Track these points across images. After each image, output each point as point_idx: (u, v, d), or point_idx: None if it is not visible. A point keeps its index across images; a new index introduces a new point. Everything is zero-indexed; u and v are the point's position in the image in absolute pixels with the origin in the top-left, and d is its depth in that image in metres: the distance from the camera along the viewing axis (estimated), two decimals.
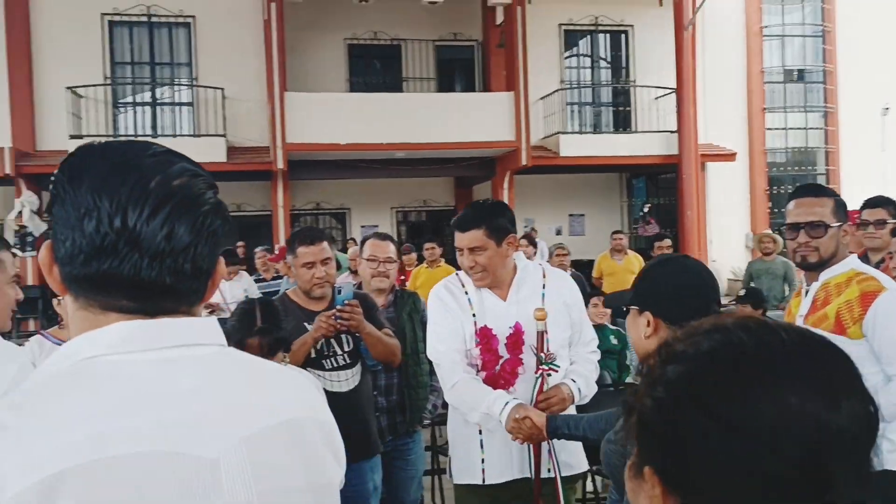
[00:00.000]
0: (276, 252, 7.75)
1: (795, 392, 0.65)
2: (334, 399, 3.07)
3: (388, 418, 3.55)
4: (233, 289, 7.43)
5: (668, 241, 7.01)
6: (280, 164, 13.68)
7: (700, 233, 14.70)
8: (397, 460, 3.60)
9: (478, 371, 2.71)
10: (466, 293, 2.80)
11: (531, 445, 2.61)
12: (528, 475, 2.67)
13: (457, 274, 2.90)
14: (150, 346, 0.91)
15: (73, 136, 13.55)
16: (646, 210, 16.70)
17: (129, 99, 15.29)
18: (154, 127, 15.04)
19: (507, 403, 2.55)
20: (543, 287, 2.80)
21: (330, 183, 16.31)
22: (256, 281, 8.14)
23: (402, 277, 9.32)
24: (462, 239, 2.72)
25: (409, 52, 16.59)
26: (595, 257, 9.76)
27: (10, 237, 14.81)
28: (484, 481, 2.70)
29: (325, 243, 3.20)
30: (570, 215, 18.02)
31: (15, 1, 14.30)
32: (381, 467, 3.34)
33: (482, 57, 16.93)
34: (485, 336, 2.70)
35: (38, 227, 13.82)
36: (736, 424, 0.65)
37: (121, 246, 0.90)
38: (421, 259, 9.37)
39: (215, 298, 7.27)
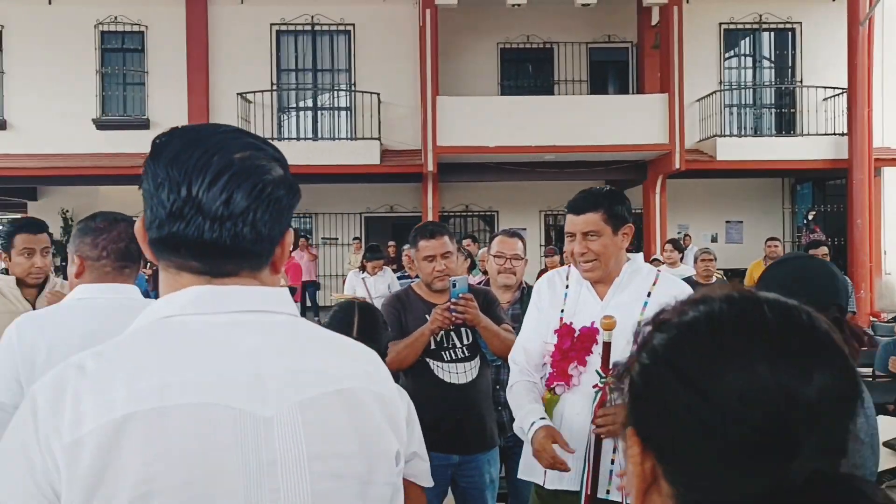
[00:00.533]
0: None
1: (767, 362, 0.67)
2: (451, 390, 3.12)
3: (509, 413, 3.54)
4: (377, 283, 7.69)
5: (823, 249, 6.54)
6: (430, 167, 13.99)
7: (872, 243, 13.65)
8: (519, 455, 3.60)
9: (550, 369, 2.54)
10: (567, 286, 2.58)
11: (589, 459, 2.35)
12: (579, 489, 2.40)
13: (569, 266, 2.64)
14: (220, 310, 1.01)
15: None
16: (810, 217, 15.70)
17: (293, 104, 16.17)
18: (314, 130, 15.82)
19: (533, 423, 2.37)
20: (649, 295, 2.45)
21: (479, 185, 16.50)
22: (401, 278, 8.37)
23: None
24: (576, 222, 2.48)
25: (561, 55, 16.51)
26: None
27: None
28: (544, 483, 2.52)
29: (446, 238, 3.26)
30: (727, 222, 17.26)
31: (196, 16, 15.53)
32: (499, 461, 3.34)
33: (636, 59, 16.56)
34: (563, 334, 2.49)
35: None
36: (705, 390, 0.68)
37: (186, 211, 1.00)
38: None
39: (361, 292, 7.56)
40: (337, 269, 16.08)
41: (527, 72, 16.86)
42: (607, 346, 2.28)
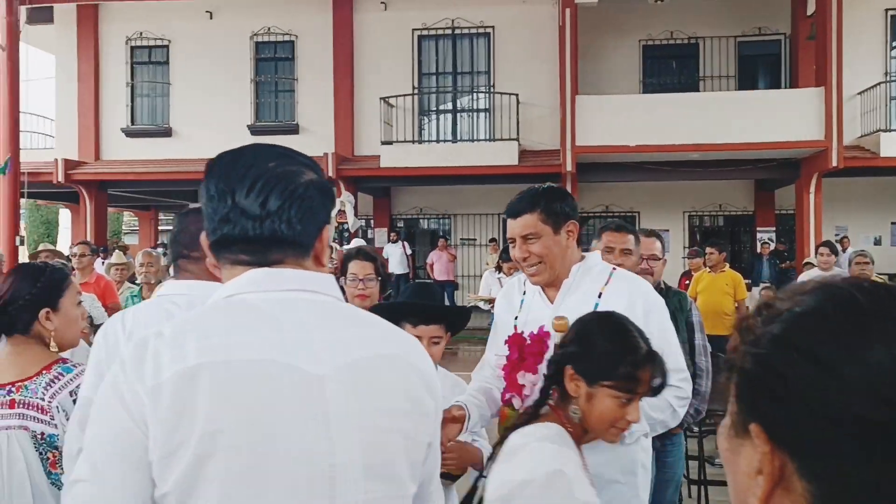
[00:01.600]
0: None
1: None
2: None
3: None
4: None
5: None
6: (569, 167, 13.85)
7: None
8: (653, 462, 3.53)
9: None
10: (524, 293, 2.43)
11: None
12: None
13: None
14: (272, 288, 1.20)
15: (384, 143, 14.95)
16: None
17: (433, 107, 16.47)
18: (454, 132, 16.04)
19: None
20: (600, 295, 2.27)
21: (619, 185, 16.17)
22: None
23: (687, 281, 8.98)
24: (513, 226, 2.32)
25: (707, 50, 15.91)
26: None
27: (331, 231, 16.72)
28: None
29: (632, 237, 3.24)
30: (893, 223, 16.05)
31: (342, 24, 16.16)
32: None
33: (789, 51, 15.70)
34: (511, 343, 2.32)
35: (354, 223, 15.44)
36: (845, 374, 0.64)
37: (232, 216, 1.21)
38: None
39: (497, 292, 7.61)
40: (474, 270, 16.22)
41: (670, 68, 16.36)
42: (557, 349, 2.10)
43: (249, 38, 16.67)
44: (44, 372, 2.13)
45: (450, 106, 16.42)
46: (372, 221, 17.33)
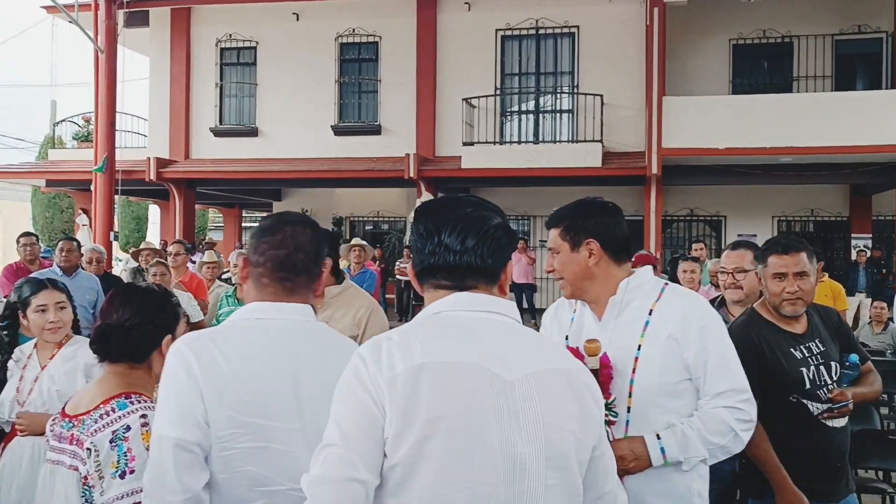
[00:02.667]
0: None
1: None
2: (830, 435, 2.72)
3: None
4: None
5: None
6: (654, 170, 13.56)
7: None
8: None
9: None
10: (575, 311, 2.38)
11: None
12: None
13: None
14: (472, 308, 1.51)
15: (465, 143, 14.94)
16: None
17: (515, 108, 16.37)
18: (536, 133, 15.91)
19: None
20: (650, 312, 2.19)
21: (705, 189, 15.76)
22: None
23: None
24: (548, 238, 2.36)
25: (801, 49, 15.32)
26: None
27: (409, 232, 16.83)
28: None
29: (804, 254, 2.75)
30: None
31: (425, 25, 16.23)
32: None
33: (891, 50, 14.99)
34: None
35: None
36: None
37: (438, 250, 1.53)
38: None
39: None
40: None
41: (761, 68, 15.82)
42: (594, 374, 2.04)
43: (334, 39, 16.90)
44: (102, 405, 1.94)
45: (532, 107, 16.28)
46: None
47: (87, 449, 1.83)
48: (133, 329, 2.03)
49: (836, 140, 12.66)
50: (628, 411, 2.16)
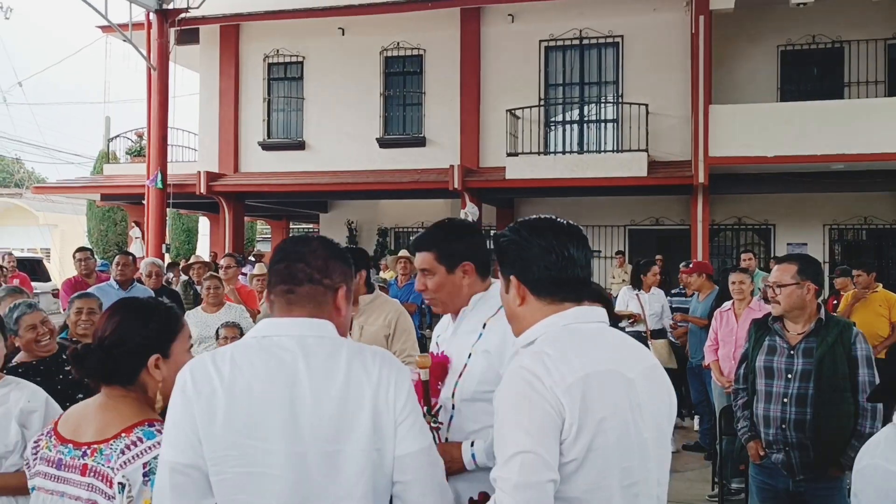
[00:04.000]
0: (691, 265, 7.61)
1: None
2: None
3: (799, 454, 3.34)
4: (651, 302, 7.49)
5: None
6: (701, 178, 13.42)
7: None
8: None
9: None
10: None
11: None
12: None
13: None
14: (590, 320, 1.74)
15: (509, 154, 14.97)
16: None
17: (559, 118, 16.34)
18: (580, 144, 15.86)
19: None
20: (484, 326, 2.37)
21: (753, 197, 15.51)
22: (675, 295, 8.09)
23: (835, 301, 8.49)
24: (416, 260, 2.50)
25: (853, 55, 15.02)
26: None
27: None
28: None
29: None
30: None
31: (469, 37, 16.31)
32: None
33: None
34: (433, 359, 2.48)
35: None
36: None
37: (565, 264, 1.73)
38: None
39: (634, 308, 7.45)
40: (599, 282, 15.95)
41: (811, 75, 15.55)
42: (422, 385, 2.33)
43: (379, 52, 17.09)
44: (123, 434, 1.75)
45: (577, 117, 16.24)
46: (493, 234, 17.35)
47: (120, 484, 1.66)
48: (112, 348, 1.82)
49: (890, 146, 12.39)
50: (451, 413, 2.37)
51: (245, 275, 9.97)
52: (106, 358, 1.82)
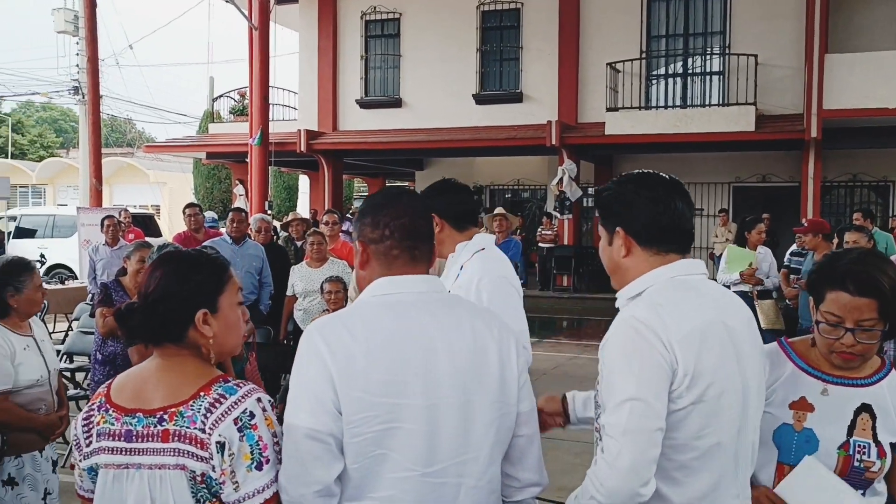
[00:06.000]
0: (805, 224, 7.24)
1: None
2: None
3: None
4: (758, 261, 7.18)
5: None
6: (814, 133, 12.76)
7: None
8: None
9: None
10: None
11: None
12: None
13: None
14: (694, 272, 1.76)
15: (609, 109, 14.60)
16: None
17: (662, 71, 15.79)
18: (683, 98, 15.30)
19: None
20: (462, 267, 2.76)
21: (870, 152, 14.69)
22: (795, 255, 7.66)
23: None
24: None
25: None
26: None
27: (550, 201, 16.71)
28: None
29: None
30: None
31: None
32: None
33: None
34: None
35: (574, 192, 15.29)
36: None
37: (675, 217, 1.74)
38: None
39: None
40: (701, 242, 15.46)
41: None
42: None
43: (476, 7, 16.88)
44: (202, 394, 1.63)
45: (680, 69, 15.64)
46: (593, 189, 17.08)
47: (219, 443, 1.56)
48: (156, 304, 1.69)
49: None
50: None
51: (346, 232, 10.15)
52: (151, 315, 1.68)
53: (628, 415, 1.56)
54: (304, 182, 25.17)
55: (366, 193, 25.31)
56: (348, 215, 15.65)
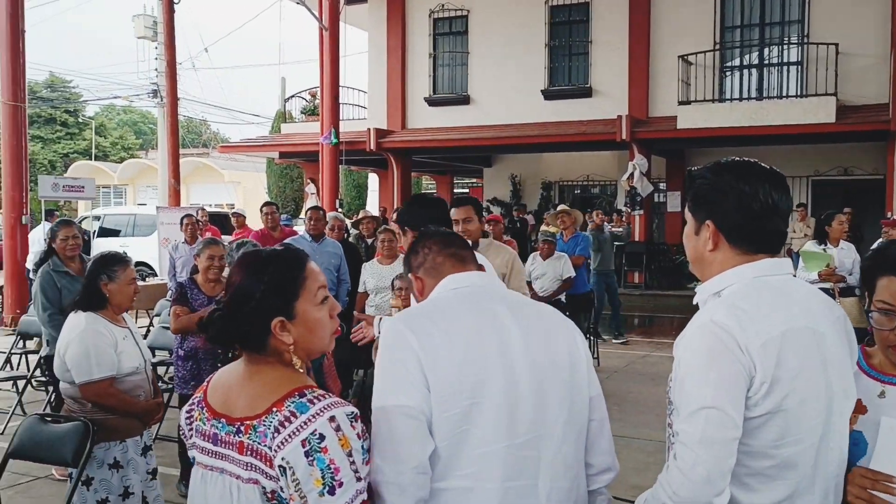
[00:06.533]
0: (893, 217, 6.95)
1: None
2: None
3: None
4: (840, 257, 6.92)
5: None
6: None
7: None
8: None
9: None
10: None
11: None
12: None
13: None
14: (780, 272, 1.68)
15: (681, 103, 14.31)
16: None
17: (736, 62, 15.38)
18: (759, 89, 14.88)
19: None
20: None
21: None
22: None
23: None
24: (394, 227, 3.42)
25: None
26: None
27: (621, 197, 16.48)
28: None
29: None
30: None
31: None
32: None
33: None
34: None
35: (645, 188, 15.05)
36: None
37: (768, 213, 1.64)
38: None
39: None
40: None
41: None
42: None
43: (544, 2, 16.76)
44: (275, 409, 1.54)
45: (755, 60, 15.20)
46: (664, 185, 16.77)
47: (281, 467, 1.49)
48: (231, 315, 1.62)
49: None
50: None
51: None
52: (228, 325, 1.62)
53: (704, 424, 1.52)
54: (373, 180, 25.43)
55: (434, 190, 25.43)
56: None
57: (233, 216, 11.73)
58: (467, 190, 26.79)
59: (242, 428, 1.56)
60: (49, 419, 3.40)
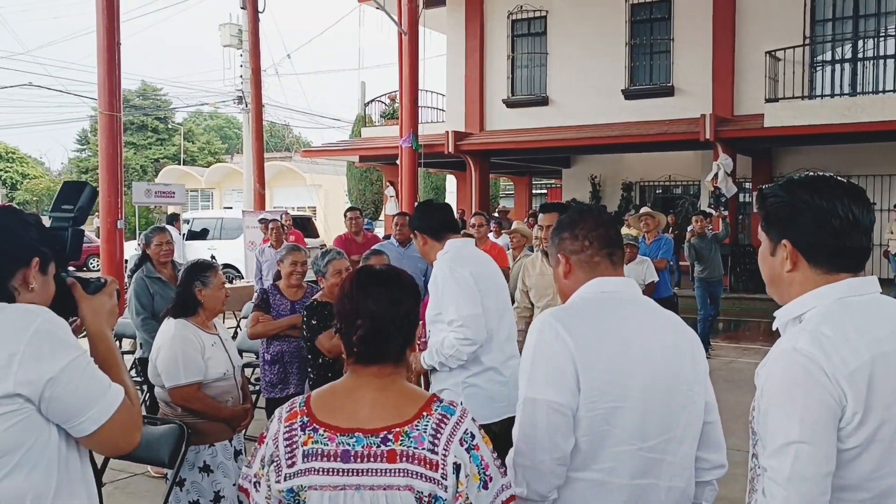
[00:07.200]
0: None
1: None
2: None
3: None
4: None
5: None
6: None
7: None
8: None
9: None
10: None
11: None
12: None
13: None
14: (865, 292, 1.57)
15: (768, 100, 13.85)
16: None
17: (828, 57, 14.80)
18: (852, 85, 14.27)
19: None
20: (430, 265, 3.52)
21: None
22: None
23: None
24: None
25: None
26: None
27: (704, 197, 16.06)
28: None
29: None
30: None
31: None
32: None
33: None
34: None
35: (730, 189, 14.61)
36: None
37: (848, 230, 1.54)
38: None
39: None
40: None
41: None
42: None
43: (625, 1, 16.50)
44: (425, 413, 1.63)
45: (849, 54, 14.59)
46: (749, 185, 16.26)
47: (455, 464, 1.57)
48: (412, 327, 1.72)
49: None
50: (428, 333, 3.53)
51: (493, 231, 10.20)
52: (376, 337, 1.66)
53: (793, 460, 1.45)
54: (451, 182, 25.55)
55: (512, 192, 25.36)
56: (495, 214, 15.73)
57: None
58: (546, 191, 26.61)
59: (391, 436, 1.60)
60: (146, 420, 3.54)
